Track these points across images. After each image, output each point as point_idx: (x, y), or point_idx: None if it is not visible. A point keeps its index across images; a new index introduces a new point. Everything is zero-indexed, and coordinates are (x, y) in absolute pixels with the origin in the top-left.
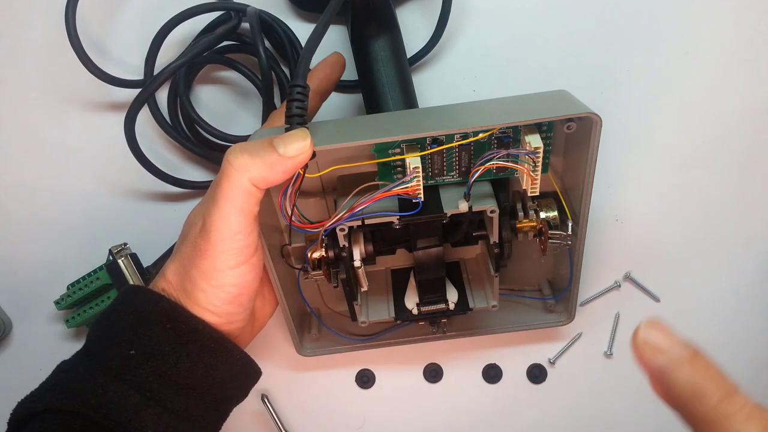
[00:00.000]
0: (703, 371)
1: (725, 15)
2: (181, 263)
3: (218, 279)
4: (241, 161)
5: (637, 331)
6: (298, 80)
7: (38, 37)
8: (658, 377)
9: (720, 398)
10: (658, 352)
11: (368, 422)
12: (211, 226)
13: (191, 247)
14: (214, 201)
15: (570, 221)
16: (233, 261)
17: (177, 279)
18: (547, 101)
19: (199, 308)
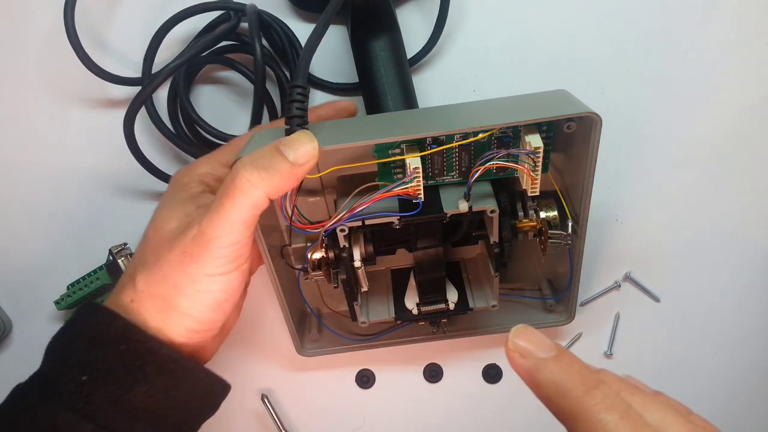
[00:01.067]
0: (566, 368)
1: (725, 15)
2: (160, 269)
3: (207, 284)
4: (256, 177)
5: (507, 339)
6: (298, 80)
7: (37, 35)
8: (528, 379)
9: (582, 393)
10: (525, 356)
11: (368, 422)
12: (212, 235)
13: (178, 253)
14: (221, 212)
15: (570, 221)
16: (225, 267)
17: (150, 287)
18: (547, 101)
19: (180, 314)
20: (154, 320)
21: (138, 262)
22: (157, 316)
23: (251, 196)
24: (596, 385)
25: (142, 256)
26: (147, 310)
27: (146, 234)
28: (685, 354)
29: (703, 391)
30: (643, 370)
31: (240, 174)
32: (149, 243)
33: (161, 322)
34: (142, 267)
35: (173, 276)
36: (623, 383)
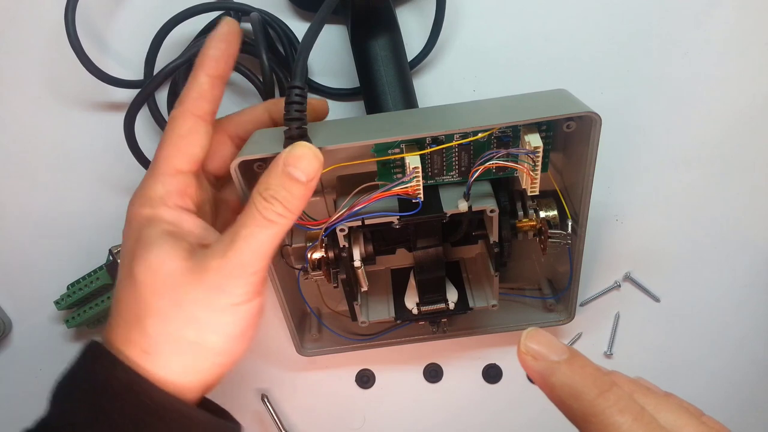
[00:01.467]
0: (579, 371)
1: (725, 15)
2: (181, 310)
3: (233, 313)
4: (275, 214)
5: (519, 342)
6: (296, 81)
7: (38, 37)
8: (541, 382)
9: (595, 395)
10: (538, 359)
11: (368, 422)
12: (240, 265)
13: (203, 289)
14: (249, 241)
15: (570, 220)
16: (252, 294)
17: (170, 332)
18: (547, 100)
19: (206, 351)
20: (173, 366)
21: (138, 309)
22: (178, 361)
23: (277, 229)
24: (609, 387)
25: (141, 303)
26: (166, 358)
27: (136, 278)
28: (685, 354)
29: (703, 391)
30: (643, 370)
31: (260, 212)
32: (147, 287)
33: (182, 367)
34: (151, 313)
35: (198, 314)
36: (635, 385)
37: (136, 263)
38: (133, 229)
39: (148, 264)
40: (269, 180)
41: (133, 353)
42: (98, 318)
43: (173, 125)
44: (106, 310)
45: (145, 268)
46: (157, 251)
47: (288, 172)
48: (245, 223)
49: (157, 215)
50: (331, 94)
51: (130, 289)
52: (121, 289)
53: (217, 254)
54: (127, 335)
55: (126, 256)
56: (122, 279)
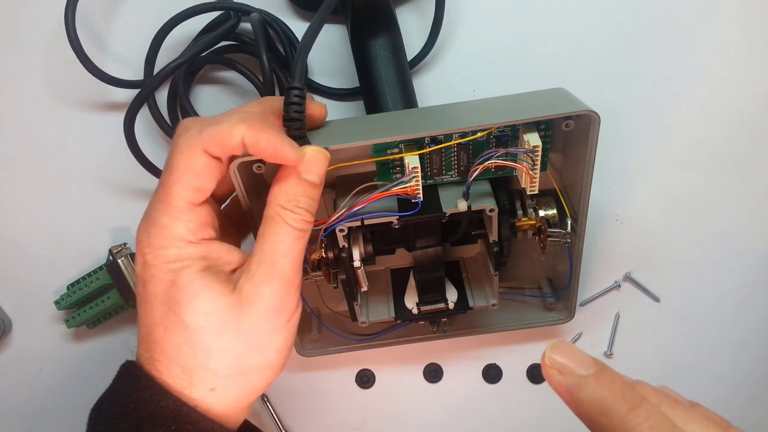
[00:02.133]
0: (608, 386)
1: (725, 15)
2: (245, 342)
3: (288, 329)
4: (300, 221)
5: (544, 354)
6: (295, 82)
7: (38, 37)
8: (568, 397)
9: (625, 411)
10: (564, 373)
11: (368, 422)
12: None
13: (264, 321)
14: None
15: (569, 219)
16: (298, 303)
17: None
18: (545, 99)
19: (266, 370)
20: (234, 395)
21: (198, 353)
22: (242, 389)
23: (306, 237)
24: (640, 402)
25: (201, 346)
26: (233, 389)
27: (190, 325)
28: (685, 354)
29: (703, 391)
30: (643, 369)
31: (290, 225)
32: (205, 330)
33: (242, 392)
34: (216, 353)
35: (263, 339)
36: (661, 395)
37: (183, 309)
38: (161, 271)
39: (199, 309)
40: (290, 190)
41: (196, 394)
42: (98, 318)
43: (187, 157)
44: (106, 310)
45: (198, 314)
46: (205, 294)
47: (306, 179)
48: (281, 240)
49: (186, 255)
50: (331, 94)
51: (176, 332)
52: (160, 329)
53: (265, 278)
54: (189, 380)
55: (160, 298)
56: (159, 320)
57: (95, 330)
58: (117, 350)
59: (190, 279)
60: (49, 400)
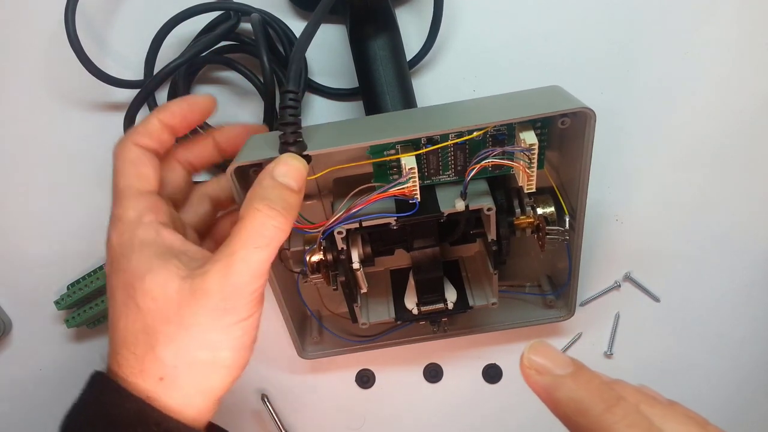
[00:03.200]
0: (585, 386)
1: (725, 15)
2: (190, 335)
3: (242, 328)
4: (275, 226)
5: (522, 355)
6: (290, 85)
7: (38, 37)
8: (546, 397)
9: (602, 410)
10: (542, 373)
11: (368, 422)
12: (243, 283)
13: (209, 311)
14: (249, 261)
15: (567, 216)
16: (257, 307)
17: (184, 356)
18: (541, 97)
19: (222, 368)
20: (189, 389)
21: (148, 338)
22: (193, 383)
23: (276, 244)
24: (616, 401)
25: (149, 331)
26: (182, 381)
27: (140, 307)
28: (685, 354)
29: (703, 392)
30: (643, 370)
31: (257, 229)
32: (152, 314)
33: (196, 388)
34: (162, 339)
35: (209, 335)
36: (640, 394)
37: (135, 292)
38: (120, 259)
39: (148, 291)
40: (262, 191)
41: (147, 383)
42: (98, 318)
43: (121, 155)
44: (106, 310)
45: (147, 296)
46: (153, 276)
47: (280, 182)
48: (243, 244)
49: (138, 237)
50: (330, 94)
51: (135, 318)
52: (122, 320)
53: (216, 276)
54: (140, 366)
55: (120, 288)
56: (121, 310)
57: (95, 330)
58: None
59: (141, 261)
60: (49, 400)
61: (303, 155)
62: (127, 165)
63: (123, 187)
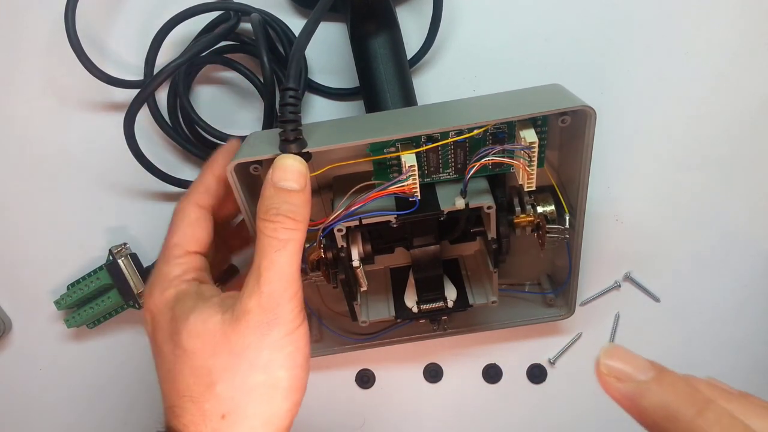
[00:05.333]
0: (672, 390)
1: (725, 15)
2: (242, 362)
3: (291, 341)
4: (295, 229)
5: (598, 361)
6: (290, 83)
7: (38, 37)
8: (629, 405)
9: (693, 415)
10: (623, 380)
11: (368, 422)
12: (277, 291)
13: (253, 330)
14: (274, 266)
15: (567, 215)
16: (300, 317)
17: (238, 387)
18: (541, 95)
19: (283, 390)
20: (253, 422)
21: (200, 379)
22: (256, 413)
23: (294, 245)
24: (707, 405)
25: (201, 371)
26: (244, 413)
27: (187, 349)
28: (685, 354)
29: None
30: None
31: (270, 237)
32: (200, 353)
33: (261, 419)
34: (216, 374)
35: (261, 355)
36: (714, 389)
37: (181, 337)
38: (163, 314)
39: (191, 331)
40: (265, 201)
41: (210, 426)
42: (98, 318)
43: (182, 215)
44: (106, 310)
45: (191, 336)
46: (195, 316)
47: (281, 187)
48: (262, 254)
49: (181, 291)
50: (330, 93)
51: (184, 366)
52: (172, 371)
53: (251, 294)
54: (200, 411)
55: (166, 341)
56: (170, 362)
57: (95, 330)
58: (117, 350)
59: (182, 307)
60: (49, 400)
61: (303, 153)
62: (185, 225)
63: (173, 244)
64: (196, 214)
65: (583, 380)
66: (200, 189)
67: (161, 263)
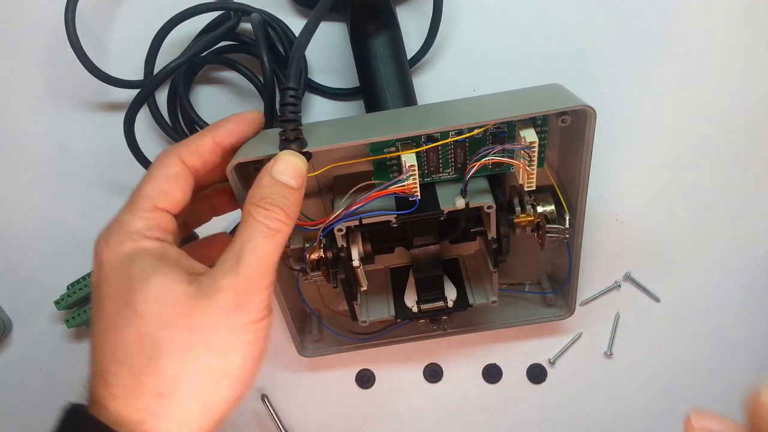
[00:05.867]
0: None
1: (725, 15)
2: (199, 339)
3: (254, 331)
4: (276, 223)
5: (690, 422)
6: (290, 82)
7: (38, 37)
8: None
9: None
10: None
11: (368, 422)
12: (253, 279)
13: (220, 308)
14: (257, 254)
15: (567, 214)
16: (267, 309)
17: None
18: (541, 95)
19: (231, 379)
20: (192, 406)
21: (146, 349)
22: (197, 398)
23: (281, 237)
24: None
25: (149, 341)
26: (184, 396)
27: (141, 314)
28: (685, 354)
29: (703, 392)
30: (643, 370)
31: (261, 223)
32: (155, 321)
33: (200, 405)
34: (165, 348)
35: (220, 337)
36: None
37: (134, 298)
38: (115, 268)
39: (150, 295)
40: (262, 189)
41: (142, 402)
42: None
43: (161, 165)
44: None
45: (148, 301)
46: (158, 280)
47: (279, 180)
48: (249, 237)
49: (142, 247)
50: (330, 94)
51: (130, 330)
52: (112, 333)
53: (227, 273)
54: (136, 382)
55: (113, 297)
56: (112, 321)
57: None
58: None
59: (143, 267)
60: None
61: (303, 152)
62: (161, 178)
63: (144, 195)
64: (176, 169)
65: (583, 380)
66: (191, 147)
67: (125, 212)
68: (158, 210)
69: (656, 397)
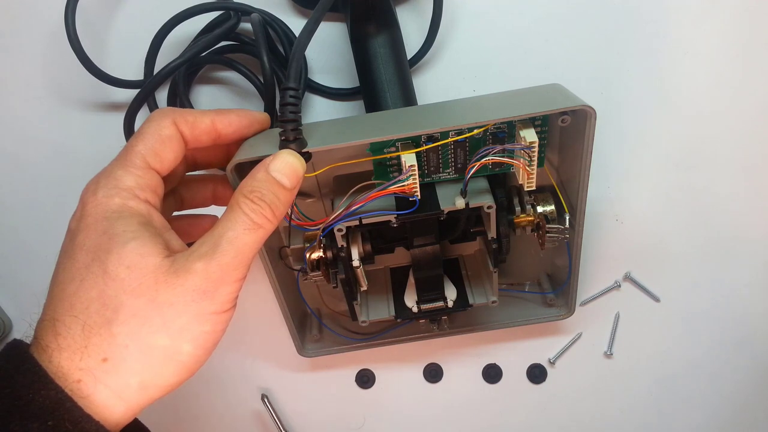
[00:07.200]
0: None
1: (725, 15)
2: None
3: (214, 323)
4: (262, 218)
5: None
6: (290, 82)
7: (38, 37)
8: None
9: None
10: None
11: (368, 422)
12: (227, 270)
13: (188, 291)
14: (236, 245)
15: (567, 214)
16: (232, 303)
17: (142, 339)
18: (541, 95)
19: (176, 364)
20: (131, 380)
21: (106, 310)
22: (138, 372)
23: (263, 233)
24: None
25: (111, 303)
26: (127, 368)
27: (111, 275)
28: (685, 354)
29: (703, 392)
30: (643, 370)
31: (247, 215)
32: (123, 284)
33: (139, 381)
34: (123, 314)
35: (179, 319)
36: None
37: (109, 257)
38: (98, 220)
39: (124, 258)
40: (255, 183)
41: (86, 362)
42: None
43: (156, 125)
44: None
45: (121, 263)
46: (136, 245)
47: (274, 177)
48: (231, 226)
49: (129, 206)
50: (330, 94)
51: (94, 286)
52: (76, 283)
53: (202, 256)
54: (85, 340)
55: (88, 248)
56: (79, 272)
57: None
58: None
59: (125, 228)
60: None
61: (303, 152)
62: (155, 138)
63: (137, 151)
64: (170, 131)
65: (583, 380)
66: (188, 117)
67: (117, 166)
68: (150, 169)
69: (656, 396)
